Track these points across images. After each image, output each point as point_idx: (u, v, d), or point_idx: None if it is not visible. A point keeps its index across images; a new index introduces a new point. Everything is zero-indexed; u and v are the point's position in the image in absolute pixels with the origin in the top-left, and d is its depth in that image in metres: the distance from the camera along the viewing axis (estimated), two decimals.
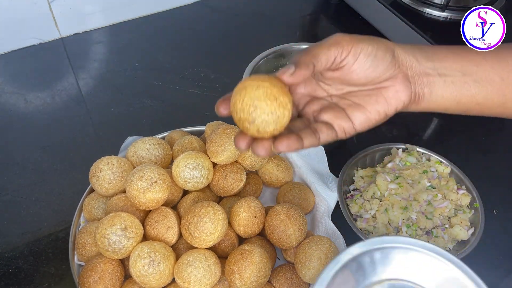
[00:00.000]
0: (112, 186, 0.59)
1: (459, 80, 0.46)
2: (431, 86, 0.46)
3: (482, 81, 0.46)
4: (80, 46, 0.94)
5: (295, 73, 0.40)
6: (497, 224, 0.67)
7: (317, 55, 0.41)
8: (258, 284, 0.52)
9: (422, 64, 0.45)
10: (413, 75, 0.45)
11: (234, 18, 1.03)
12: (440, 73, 0.45)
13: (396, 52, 0.44)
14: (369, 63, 0.43)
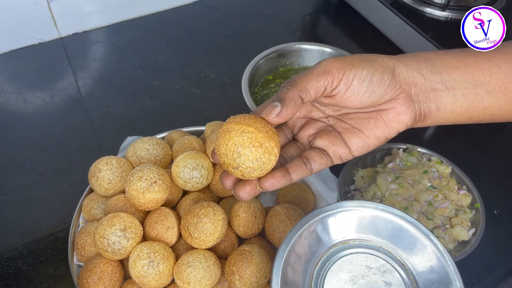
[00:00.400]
0: (112, 187, 0.59)
1: (470, 93, 0.43)
2: (438, 102, 0.42)
3: (495, 92, 0.43)
4: (79, 46, 0.94)
5: (281, 113, 0.38)
6: (498, 225, 0.67)
7: (305, 88, 0.39)
8: (258, 284, 0.52)
9: (428, 79, 0.42)
10: (418, 93, 0.42)
11: (234, 18, 1.03)
12: (449, 87, 0.42)
13: (397, 70, 0.41)
14: (364, 89, 0.40)
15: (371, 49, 0.93)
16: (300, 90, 0.39)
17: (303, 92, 0.39)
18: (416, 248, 0.45)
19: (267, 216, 0.58)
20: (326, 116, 0.44)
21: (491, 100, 0.43)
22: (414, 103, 0.42)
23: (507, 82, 0.43)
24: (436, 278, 0.44)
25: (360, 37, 0.98)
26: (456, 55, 0.43)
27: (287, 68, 0.82)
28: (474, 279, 0.61)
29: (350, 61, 0.40)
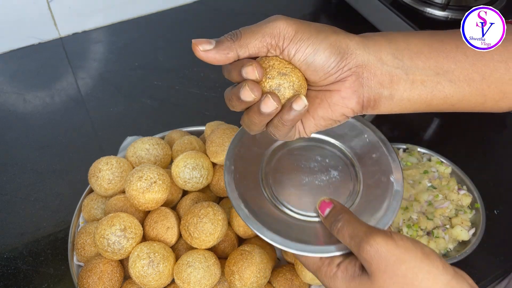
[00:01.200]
0: (111, 187, 0.59)
1: (431, 80, 0.40)
2: (393, 89, 0.40)
3: (459, 81, 0.41)
4: (79, 46, 0.94)
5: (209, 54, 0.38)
6: (498, 225, 0.67)
7: (246, 46, 0.38)
8: (258, 285, 0.52)
9: (386, 63, 0.39)
10: (370, 78, 0.39)
11: (234, 17, 1.03)
12: (409, 73, 0.40)
13: (350, 52, 0.38)
14: (305, 67, 0.38)
15: None
16: (240, 46, 0.38)
17: (242, 48, 0.38)
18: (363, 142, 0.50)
19: None
20: None
21: (453, 90, 0.41)
22: (363, 88, 0.40)
23: (473, 72, 0.41)
24: (378, 169, 0.48)
25: None
26: (423, 39, 0.41)
27: None
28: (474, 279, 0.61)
29: (302, 30, 0.37)
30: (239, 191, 0.45)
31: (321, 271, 0.42)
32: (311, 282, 0.55)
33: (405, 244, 0.38)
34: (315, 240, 0.43)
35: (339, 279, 0.40)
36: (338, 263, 0.41)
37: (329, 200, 0.44)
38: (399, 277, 0.37)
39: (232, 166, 0.47)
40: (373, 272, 0.38)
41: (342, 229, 0.40)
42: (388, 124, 0.79)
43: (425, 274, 0.37)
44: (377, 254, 0.37)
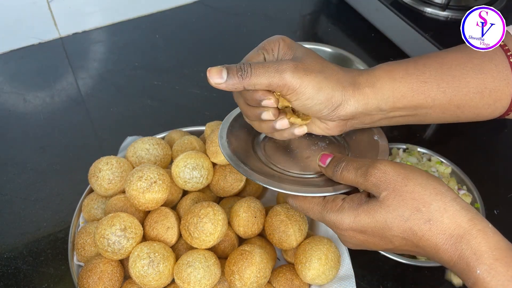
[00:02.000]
0: (112, 186, 0.59)
1: (409, 115, 0.47)
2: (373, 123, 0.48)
3: (434, 113, 0.47)
4: (79, 46, 0.94)
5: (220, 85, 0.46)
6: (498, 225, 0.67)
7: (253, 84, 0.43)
8: (258, 284, 0.52)
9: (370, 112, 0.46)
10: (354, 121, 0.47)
11: (234, 17, 1.03)
12: (389, 114, 0.47)
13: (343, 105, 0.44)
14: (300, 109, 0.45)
15: (371, 48, 0.93)
16: (248, 84, 0.43)
17: (250, 87, 0.43)
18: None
19: (267, 216, 0.58)
20: None
21: (428, 118, 0.48)
22: (346, 126, 0.48)
23: (449, 105, 0.46)
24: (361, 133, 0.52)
25: (360, 37, 0.97)
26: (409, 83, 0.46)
27: None
28: None
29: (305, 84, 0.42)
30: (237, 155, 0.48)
31: (326, 208, 0.43)
32: (311, 282, 0.55)
33: (411, 167, 0.40)
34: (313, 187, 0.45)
35: (346, 209, 0.41)
36: (343, 197, 0.43)
37: (328, 153, 0.46)
38: (408, 193, 0.38)
39: (226, 141, 0.50)
40: (381, 194, 0.39)
41: (346, 167, 0.42)
42: None
43: (432, 190, 0.38)
44: (385, 175, 0.39)
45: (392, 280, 0.60)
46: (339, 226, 0.42)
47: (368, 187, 0.40)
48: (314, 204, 0.44)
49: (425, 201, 0.38)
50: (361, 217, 0.40)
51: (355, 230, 0.41)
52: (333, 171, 0.43)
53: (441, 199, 0.38)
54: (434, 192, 0.38)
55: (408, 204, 0.38)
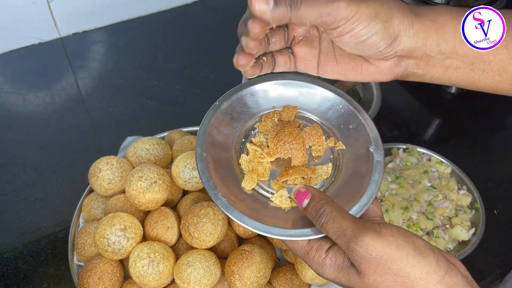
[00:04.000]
0: (112, 186, 0.59)
1: (465, 68, 0.42)
2: (427, 70, 0.43)
3: (491, 71, 0.42)
4: (79, 46, 0.94)
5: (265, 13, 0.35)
6: (498, 225, 0.67)
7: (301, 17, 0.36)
8: (258, 284, 0.52)
9: (428, 50, 0.41)
10: (410, 60, 0.42)
11: (234, 17, 1.03)
12: (446, 59, 0.42)
13: (400, 39, 0.39)
14: (353, 45, 0.39)
15: None
16: (295, 17, 0.37)
17: (297, 20, 0.37)
18: (338, 114, 0.49)
19: None
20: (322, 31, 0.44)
21: (483, 77, 0.43)
22: (400, 67, 0.42)
23: (508, 65, 0.42)
24: (356, 139, 0.47)
25: None
26: None
27: None
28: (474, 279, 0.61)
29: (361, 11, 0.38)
30: (215, 180, 0.42)
31: (309, 256, 0.41)
32: (311, 282, 0.55)
33: (396, 241, 0.37)
34: (299, 223, 0.41)
35: (328, 266, 0.39)
36: (327, 248, 0.40)
37: (305, 188, 0.41)
38: (390, 275, 0.36)
39: (204, 153, 0.44)
40: (363, 271, 0.37)
41: (326, 225, 0.39)
42: (388, 124, 0.79)
43: (418, 273, 0.36)
44: (367, 254, 0.36)
45: None
46: (322, 275, 0.41)
47: (349, 257, 0.38)
48: (298, 246, 0.42)
49: (408, 285, 0.36)
50: (341, 279, 0.39)
51: (338, 282, 0.40)
52: (313, 219, 0.40)
53: (424, 284, 0.36)
54: (419, 275, 0.36)
55: (388, 286, 0.37)
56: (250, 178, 0.43)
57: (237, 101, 0.48)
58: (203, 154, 0.44)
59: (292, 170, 0.44)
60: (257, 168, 0.44)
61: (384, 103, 0.76)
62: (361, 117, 0.47)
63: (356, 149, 0.46)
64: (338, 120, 0.48)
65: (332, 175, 0.45)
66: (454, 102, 0.85)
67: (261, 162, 0.45)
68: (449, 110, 0.84)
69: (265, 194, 0.44)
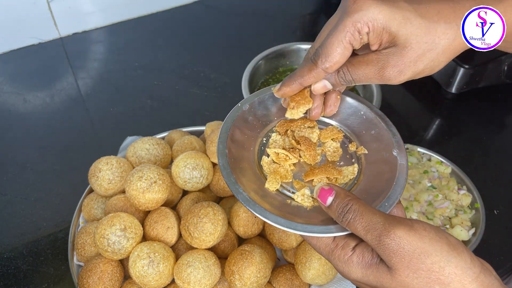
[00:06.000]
0: (112, 186, 0.59)
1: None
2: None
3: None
4: (79, 46, 0.94)
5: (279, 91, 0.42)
6: (498, 225, 0.67)
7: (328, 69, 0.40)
8: (258, 284, 0.52)
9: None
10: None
11: (234, 17, 1.03)
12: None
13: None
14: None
15: None
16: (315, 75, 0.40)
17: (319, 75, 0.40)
18: (360, 120, 0.49)
19: None
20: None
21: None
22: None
23: None
24: (379, 145, 0.47)
25: None
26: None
27: (287, 68, 0.82)
28: None
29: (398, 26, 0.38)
30: (236, 174, 0.42)
31: (334, 255, 0.39)
32: (311, 282, 0.55)
33: (429, 235, 0.35)
34: (322, 220, 0.40)
35: (354, 264, 0.38)
36: (353, 246, 0.38)
37: (328, 186, 0.40)
38: (424, 271, 0.35)
39: (225, 149, 0.44)
40: (394, 266, 0.35)
41: (353, 222, 0.37)
42: None
43: (453, 268, 0.34)
44: (399, 248, 0.35)
45: None
46: (347, 276, 0.39)
47: (379, 253, 0.36)
48: (322, 243, 0.40)
49: (442, 282, 0.34)
50: (369, 277, 0.37)
51: (362, 283, 0.38)
52: (338, 218, 0.38)
53: (460, 280, 0.34)
54: (453, 271, 0.34)
55: (422, 282, 0.35)
56: (274, 179, 0.43)
57: (259, 104, 0.48)
58: (224, 151, 0.44)
59: (318, 170, 0.43)
60: (279, 170, 0.44)
61: (384, 103, 0.76)
62: (383, 124, 0.47)
63: (379, 154, 0.46)
64: (359, 126, 0.48)
65: (355, 178, 0.45)
66: (454, 102, 0.85)
67: (284, 164, 0.45)
68: (449, 110, 0.84)
69: (286, 193, 0.43)
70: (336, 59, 0.40)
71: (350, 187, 0.44)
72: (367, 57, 0.41)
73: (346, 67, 0.41)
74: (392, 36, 0.39)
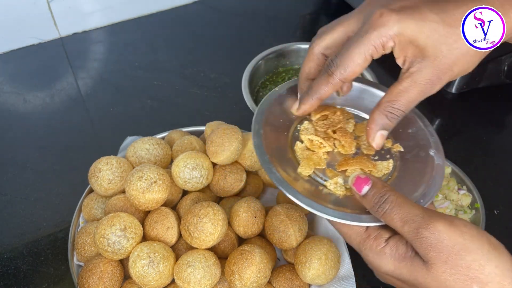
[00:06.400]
0: (112, 186, 0.59)
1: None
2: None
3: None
4: (79, 46, 0.94)
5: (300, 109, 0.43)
6: (498, 224, 0.67)
7: (346, 78, 0.41)
8: (258, 284, 0.52)
9: None
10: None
11: (234, 17, 1.03)
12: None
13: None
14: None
15: None
16: (336, 84, 0.40)
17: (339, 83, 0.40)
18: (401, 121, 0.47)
19: (267, 216, 0.58)
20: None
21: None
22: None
23: None
24: (415, 144, 0.46)
25: None
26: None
27: (287, 68, 0.82)
28: None
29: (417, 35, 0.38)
30: (269, 155, 0.42)
31: (366, 245, 0.38)
32: (311, 282, 0.55)
33: (470, 232, 0.34)
34: (353, 210, 0.39)
35: (387, 256, 0.37)
36: (386, 238, 0.38)
37: (364, 175, 0.39)
38: (463, 268, 0.33)
39: (261, 130, 0.44)
40: (430, 260, 0.34)
41: (390, 213, 0.36)
42: None
43: (493, 268, 0.33)
44: (438, 242, 0.34)
45: None
46: (376, 268, 0.38)
47: (415, 246, 0.35)
48: (353, 232, 0.39)
49: (480, 280, 0.33)
50: (402, 270, 0.36)
51: (393, 277, 0.37)
52: (372, 208, 0.37)
53: (499, 281, 0.33)
54: (493, 270, 0.33)
55: (459, 280, 0.33)
56: (307, 164, 0.43)
57: (296, 91, 0.48)
58: (259, 131, 0.44)
59: (353, 160, 0.43)
60: (312, 157, 0.44)
61: None
62: (421, 123, 0.47)
63: (415, 152, 0.45)
64: (397, 125, 0.47)
65: (388, 173, 0.44)
66: (454, 102, 0.85)
67: (318, 151, 0.44)
68: (449, 110, 0.84)
69: (319, 180, 0.43)
70: (355, 70, 0.40)
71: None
72: (402, 85, 0.40)
73: (390, 103, 0.41)
74: (420, 49, 0.39)
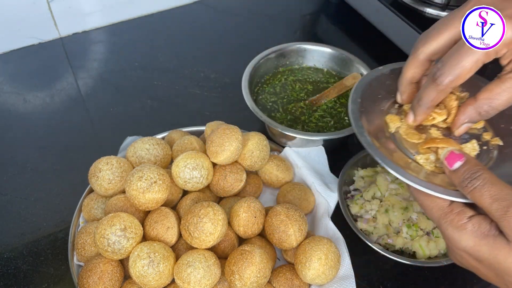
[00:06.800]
0: (112, 186, 0.59)
1: None
2: None
3: None
4: (79, 46, 0.94)
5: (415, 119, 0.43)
6: None
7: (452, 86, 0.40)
8: (258, 284, 0.52)
9: None
10: None
11: (234, 17, 1.03)
12: None
13: None
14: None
15: (371, 49, 0.93)
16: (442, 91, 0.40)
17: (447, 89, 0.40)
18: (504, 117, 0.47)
19: (267, 216, 0.58)
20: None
21: None
22: None
23: None
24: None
25: (360, 37, 0.98)
26: None
27: (287, 68, 0.82)
28: (474, 278, 0.61)
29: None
30: (363, 122, 0.43)
31: (447, 218, 0.38)
32: (311, 282, 0.55)
33: None
34: (440, 185, 0.39)
35: (468, 232, 0.36)
36: (470, 215, 0.37)
37: (459, 151, 0.39)
38: None
39: (358, 98, 0.46)
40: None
41: (481, 189, 0.36)
42: None
43: None
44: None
45: (392, 280, 0.60)
46: (454, 243, 0.38)
47: (502, 225, 0.35)
48: (436, 205, 0.39)
49: None
50: (482, 247, 0.36)
51: (470, 255, 0.37)
52: (461, 183, 0.37)
53: None
54: None
55: None
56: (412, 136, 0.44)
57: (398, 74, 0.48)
58: (357, 100, 0.46)
59: (440, 140, 0.43)
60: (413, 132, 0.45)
61: None
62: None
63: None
64: (499, 119, 0.46)
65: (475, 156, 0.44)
66: None
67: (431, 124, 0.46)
68: None
69: (408, 155, 0.44)
70: (465, 76, 0.40)
71: None
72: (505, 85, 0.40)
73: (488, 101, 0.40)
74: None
